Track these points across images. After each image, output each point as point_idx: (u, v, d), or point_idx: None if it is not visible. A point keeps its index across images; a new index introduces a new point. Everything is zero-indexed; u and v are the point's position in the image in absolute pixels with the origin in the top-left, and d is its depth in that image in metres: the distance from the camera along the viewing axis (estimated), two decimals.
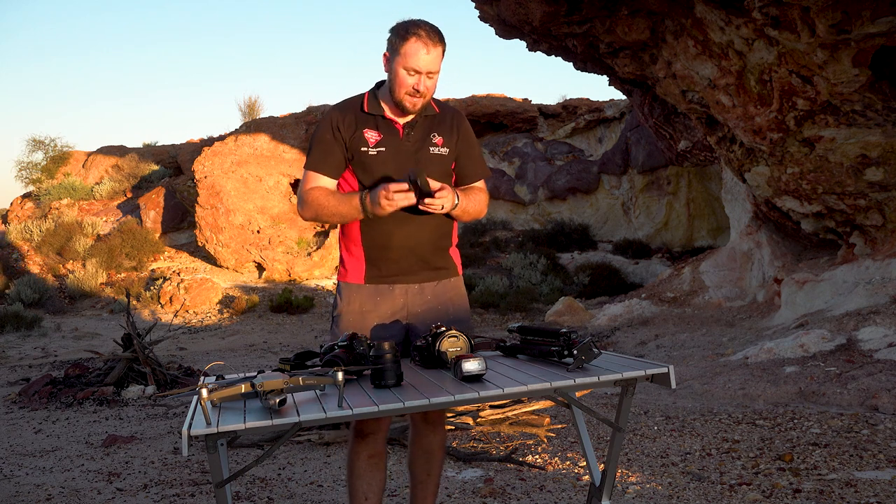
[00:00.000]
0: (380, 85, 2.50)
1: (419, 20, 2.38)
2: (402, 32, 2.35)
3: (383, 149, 2.43)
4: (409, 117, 2.47)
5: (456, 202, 2.41)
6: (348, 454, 2.47)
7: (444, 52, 2.39)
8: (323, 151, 2.46)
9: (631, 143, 14.77)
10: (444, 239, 2.54)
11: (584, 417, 2.42)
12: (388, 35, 2.41)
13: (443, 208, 2.34)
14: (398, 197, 2.27)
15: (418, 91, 2.37)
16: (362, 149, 2.43)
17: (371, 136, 2.44)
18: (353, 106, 2.48)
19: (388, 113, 2.46)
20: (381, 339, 2.12)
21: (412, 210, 2.37)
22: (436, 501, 2.63)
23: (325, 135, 2.46)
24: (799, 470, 3.71)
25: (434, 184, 2.35)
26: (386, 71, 2.43)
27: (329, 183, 2.47)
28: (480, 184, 2.63)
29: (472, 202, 2.53)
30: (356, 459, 2.44)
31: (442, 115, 2.54)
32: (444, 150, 2.50)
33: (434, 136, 2.49)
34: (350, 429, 2.49)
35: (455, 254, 2.63)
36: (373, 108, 2.46)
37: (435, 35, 2.35)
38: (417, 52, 2.32)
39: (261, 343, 10.48)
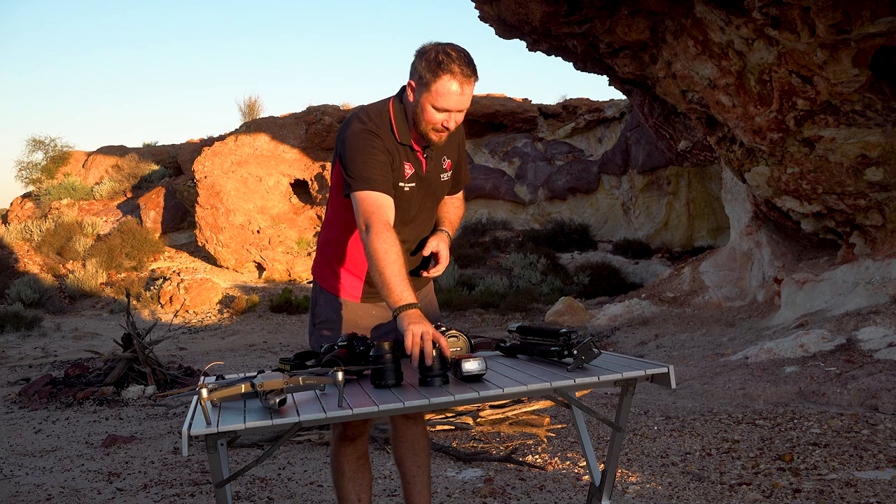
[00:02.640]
0: (400, 96, 2.31)
1: (451, 49, 2.15)
2: (434, 67, 2.12)
3: (413, 184, 2.33)
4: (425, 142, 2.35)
5: (450, 240, 2.49)
6: (335, 458, 2.46)
7: (476, 82, 2.18)
8: (382, 171, 2.21)
9: (631, 143, 14.77)
10: (428, 256, 2.55)
11: (584, 417, 2.42)
12: (415, 61, 2.18)
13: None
14: (417, 350, 1.98)
15: (446, 129, 2.22)
16: (400, 183, 2.29)
17: (407, 169, 2.31)
18: (387, 131, 2.26)
19: (414, 142, 2.30)
20: (380, 338, 2.12)
21: (408, 233, 2.40)
22: (430, 495, 2.63)
23: (379, 155, 2.21)
24: (799, 470, 3.71)
25: (430, 247, 2.41)
26: (411, 100, 2.22)
27: (391, 204, 2.22)
28: (461, 192, 2.66)
29: (458, 220, 2.60)
30: (345, 462, 2.44)
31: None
32: (450, 173, 2.48)
33: (444, 159, 2.42)
34: (334, 434, 2.47)
35: None
36: (403, 137, 2.27)
37: (469, 70, 2.13)
38: (449, 91, 2.13)
39: (261, 343, 10.47)
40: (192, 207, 15.54)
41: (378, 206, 2.16)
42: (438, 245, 2.41)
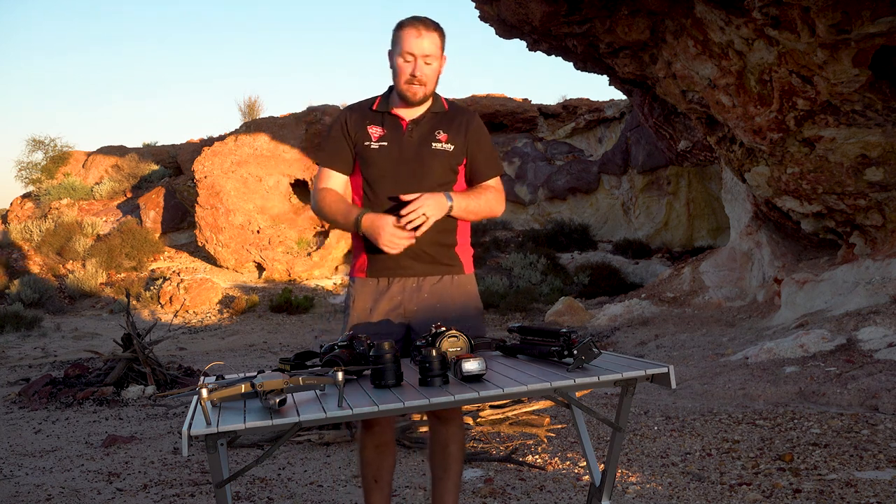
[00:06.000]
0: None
1: (417, 15, 2.49)
2: (398, 25, 2.47)
3: (385, 143, 2.52)
4: (417, 114, 2.53)
5: (449, 203, 2.44)
6: (358, 444, 2.59)
7: (441, 39, 2.47)
8: (333, 148, 2.58)
9: (631, 143, 14.77)
10: (444, 236, 2.54)
11: (584, 417, 2.42)
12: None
13: (427, 218, 2.37)
14: (397, 240, 2.39)
15: (415, 76, 2.43)
16: (365, 143, 2.53)
17: (374, 131, 2.53)
18: (363, 105, 2.60)
19: (396, 110, 2.53)
20: (381, 338, 2.13)
21: (395, 191, 2.47)
22: (456, 501, 2.61)
23: (333, 132, 2.59)
24: (799, 470, 3.71)
25: (407, 197, 2.40)
26: (390, 67, 2.51)
27: (340, 179, 2.58)
28: (494, 182, 2.64)
29: (478, 201, 2.54)
30: (363, 450, 2.56)
31: (451, 113, 2.59)
32: (449, 147, 2.53)
33: (438, 132, 2.53)
34: (359, 421, 2.61)
35: (464, 252, 2.63)
36: (381, 106, 2.55)
37: (429, 22, 2.45)
38: (410, 37, 2.42)
39: (261, 343, 10.47)
40: (192, 207, 15.53)
41: (322, 178, 2.60)
42: (421, 194, 2.41)
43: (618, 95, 13.77)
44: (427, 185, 2.47)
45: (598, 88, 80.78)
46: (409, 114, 2.53)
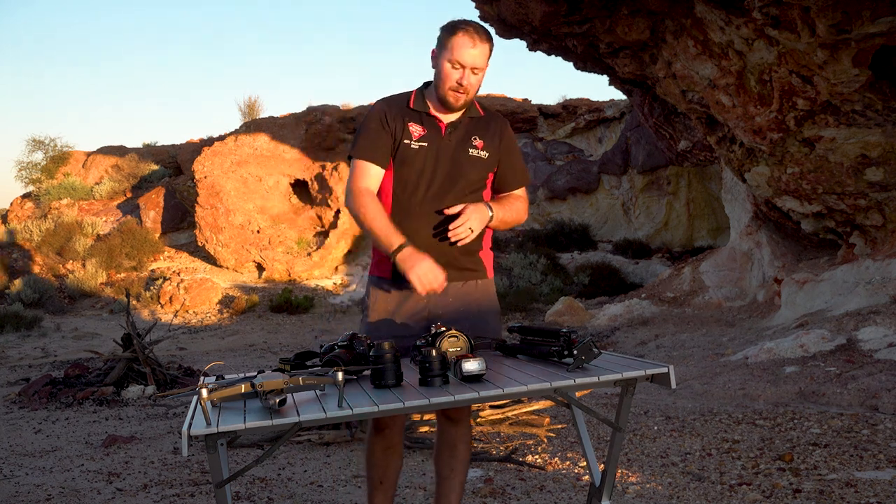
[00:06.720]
0: (427, 85, 2.55)
1: (469, 20, 2.45)
2: (451, 28, 2.41)
3: (425, 144, 2.47)
4: (454, 117, 2.50)
5: (490, 214, 2.45)
6: (367, 445, 2.59)
7: (490, 51, 2.44)
8: (371, 139, 2.47)
9: (631, 143, 14.76)
10: (474, 243, 2.52)
11: (584, 417, 2.42)
12: (439, 33, 2.47)
13: (472, 232, 2.37)
14: (427, 280, 2.31)
15: (461, 85, 2.40)
16: (405, 141, 2.47)
17: (415, 129, 2.48)
18: (399, 101, 2.53)
19: (433, 111, 2.50)
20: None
21: (430, 198, 2.44)
22: (460, 501, 2.62)
23: (372, 124, 2.49)
24: (799, 470, 3.71)
25: (452, 210, 2.39)
26: (433, 67, 2.47)
27: (378, 175, 2.48)
28: (520, 191, 2.65)
29: (510, 211, 2.56)
30: (372, 452, 2.55)
31: (486, 119, 2.57)
32: (484, 154, 2.52)
33: (475, 138, 2.52)
34: (369, 423, 2.60)
35: (486, 257, 2.63)
36: (418, 104, 2.50)
37: (483, 32, 2.41)
38: (463, 45, 2.37)
39: (261, 343, 10.48)
40: (192, 207, 15.53)
41: (360, 173, 2.47)
42: (465, 207, 2.40)
43: (618, 95, 13.76)
44: (460, 190, 2.47)
45: (598, 88, 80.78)
46: (446, 117, 2.50)
